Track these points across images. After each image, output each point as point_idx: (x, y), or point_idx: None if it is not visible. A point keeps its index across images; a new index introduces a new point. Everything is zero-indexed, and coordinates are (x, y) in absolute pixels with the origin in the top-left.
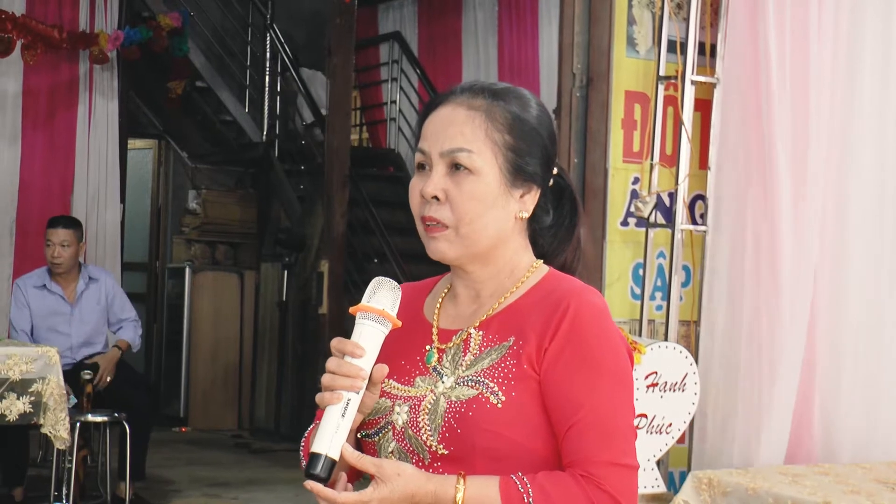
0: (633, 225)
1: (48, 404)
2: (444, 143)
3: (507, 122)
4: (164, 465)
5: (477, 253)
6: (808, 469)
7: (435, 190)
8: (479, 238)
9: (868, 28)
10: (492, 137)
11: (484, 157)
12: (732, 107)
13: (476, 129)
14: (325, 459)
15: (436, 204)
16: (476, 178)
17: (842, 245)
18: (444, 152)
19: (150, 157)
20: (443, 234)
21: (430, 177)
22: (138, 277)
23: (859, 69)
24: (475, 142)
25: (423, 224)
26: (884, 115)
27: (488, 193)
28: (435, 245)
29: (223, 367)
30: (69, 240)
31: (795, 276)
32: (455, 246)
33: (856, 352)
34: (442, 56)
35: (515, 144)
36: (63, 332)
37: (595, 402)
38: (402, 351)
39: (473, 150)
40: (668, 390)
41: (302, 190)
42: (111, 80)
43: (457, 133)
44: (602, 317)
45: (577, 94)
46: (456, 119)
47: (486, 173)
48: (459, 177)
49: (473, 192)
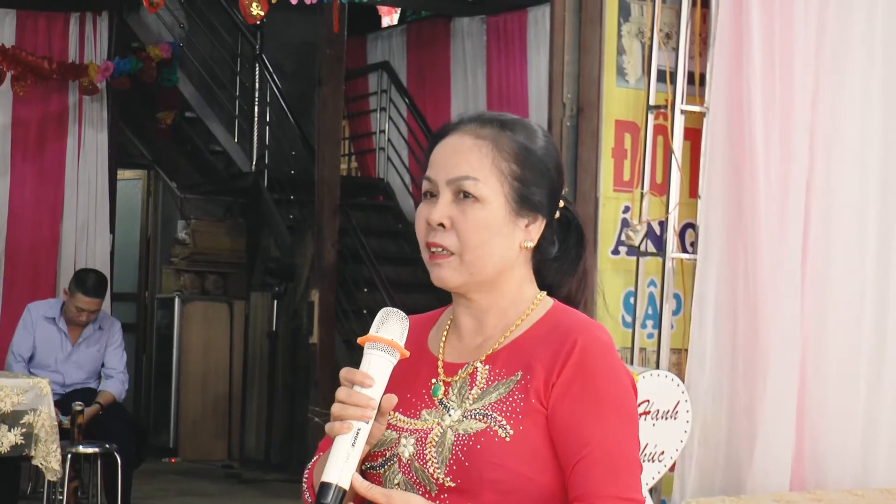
0: (624, 253)
1: (39, 436)
2: (451, 171)
3: (513, 151)
4: (154, 497)
5: (481, 281)
6: (800, 496)
7: (441, 217)
8: (484, 265)
9: (853, 54)
10: (498, 166)
11: (490, 186)
12: (720, 135)
13: (483, 157)
14: (336, 489)
15: (441, 231)
16: (482, 206)
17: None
18: (450, 180)
19: (140, 188)
20: (447, 260)
21: (437, 204)
22: (128, 308)
23: (844, 96)
24: (481, 170)
25: (428, 251)
26: (866, 140)
27: (493, 221)
28: (439, 272)
29: (213, 397)
30: (94, 308)
31: (784, 303)
32: (459, 273)
33: (846, 379)
34: (431, 85)
35: (521, 174)
36: (56, 371)
37: (602, 437)
38: (407, 383)
39: (479, 179)
40: (661, 418)
41: (291, 219)
42: (101, 110)
43: (463, 161)
44: (609, 353)
45: (568, 124)
46: (462, 147)
47: (492, 201)
48: (465, 204)
49: (479, 220)
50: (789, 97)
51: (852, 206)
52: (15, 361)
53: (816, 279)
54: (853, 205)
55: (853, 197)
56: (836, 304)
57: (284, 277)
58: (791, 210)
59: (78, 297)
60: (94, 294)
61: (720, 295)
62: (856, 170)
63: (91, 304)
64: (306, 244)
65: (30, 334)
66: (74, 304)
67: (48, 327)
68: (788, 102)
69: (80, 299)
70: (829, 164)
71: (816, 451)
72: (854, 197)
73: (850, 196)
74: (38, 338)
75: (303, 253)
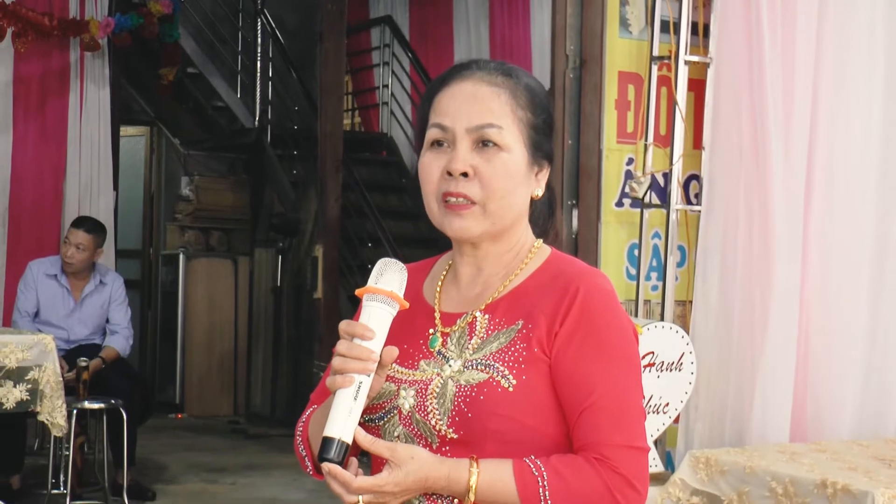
0: (628, 206)
1: (45, 392)
2: (472, 119)
3: (528, 99)
4: (160, 452)
5: (498, 231)
6: (805, 447)
7: (464, 166)
8: (505, 216)
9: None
10: (516, 114)
11: (513, 134)
12: (725, 86)
13: (503, 105)
14: (339, 443)
15: (463, 180)
16: (507, 155)
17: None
18: (471, 128)
19: (143, 145)
20: (469, 211)
21: (456, 152)
22: (132, 265)
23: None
24: (503, 117)
25: (443, 201)
26: (872, 91)
27: (518, 170)
28: (460, 222)
29: (218, 353)
30: (85, 244)
31: (786, 254)
32: (481, 223)
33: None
34: (433, 40)
35: (535, 122)
36: (60, 327)
37: (607, 385)
38: (404, 334)
39: (503, 126)
40: (665, 370)
41: (295, 175)
42: (102, 67)
43: (485, 109)
44: (611, 300)
45: (571, 76)
46: (481, 95)
47: (515, 149)
48: (489, 153)
49: (505, 169)
50: (792, 46)
51: (857, 154)
52: (21, 318)
53: (818, 230)
54: (858, 153)
55: (858, 145)
56: (837, 256)
57: (288, 233)
58: (795, 160)
59: (69, 232)
60: (83, 227)
61: (724, 246)
62: (861, 117)
63: (77, 236)
64: (310, 199)
65: (32, 290)
66: (63, 240)
67: (50, 283)
68: (791, 52)
69: (69, 232)
70: (835, 114)
71: (819, 402)
72: (859, 145)
73: (856, 144)
74: (41, 294)
75: (306, 208)
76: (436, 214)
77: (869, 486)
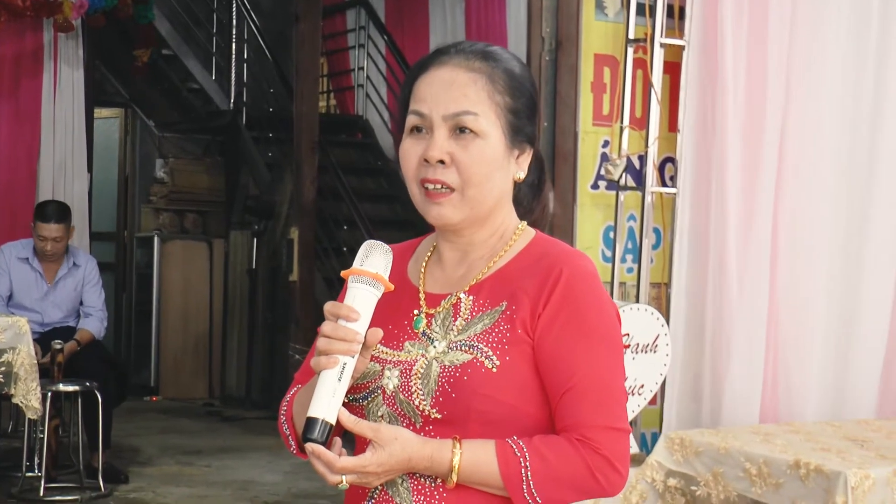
0: (604, 188)
1: (19, 374)
2: (448, 106)
3: (506, 84)
4: (136, 434)
5: (478, 216)
6: (778, 427)
7: (441, 153)
8: (484, 201)
9: None
10: (494, 100)
11: (489, 120)
12: (701, 69)
13: (479, 91)
14: (323, 424)
15: (441, 167)
16: (483, 142)
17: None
18: (447, 115)
19: (117, 126)
20: (447, 198)
21: (433, 140)
22: (107, 247)
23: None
24: (479, 104)
25: (422, 188)
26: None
27: (495, 156)
28: (439, 210)
29: (193, 336)
30: (61, 235)
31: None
32: (459, 210)
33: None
34: (409, 22)
35: (514, 106)
36: (34, 311)
37: (590, 367)
38: (389, 315)
39: (479, 113)
40: (641, 352)
41: (270, 157)
42: (76, 48)
43: (460, 96)
44: (594, 282)
45: (547, 58)
46: (457, 81)
47: (491, 136)
48: (465, 140)
49: (481, 155)
50: (765, 29)
51: (828, 136)
52: None
53: (789, 211)
54: (829, 135)
55: (830, 128)
56: (808, 239)
57: (263, 215)
58: (765, 142)
59: (39, 226)
60: (53, 219)
61: (698, 228)
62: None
63: (52, 230)
64: (285, 182)
65: (5, 274)
66: (37, 234)
67: (22, 267)
68: (764, 34)
69: (41, 227)
70: (807, 97)
71: (791, 383)
72: (830, 129)
73: (828, 124)
74: (14, 278)
75: (282, 191)
76: (418, 200)
77: (841, 466)
